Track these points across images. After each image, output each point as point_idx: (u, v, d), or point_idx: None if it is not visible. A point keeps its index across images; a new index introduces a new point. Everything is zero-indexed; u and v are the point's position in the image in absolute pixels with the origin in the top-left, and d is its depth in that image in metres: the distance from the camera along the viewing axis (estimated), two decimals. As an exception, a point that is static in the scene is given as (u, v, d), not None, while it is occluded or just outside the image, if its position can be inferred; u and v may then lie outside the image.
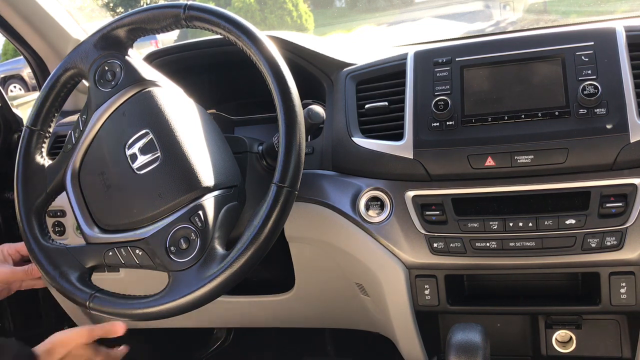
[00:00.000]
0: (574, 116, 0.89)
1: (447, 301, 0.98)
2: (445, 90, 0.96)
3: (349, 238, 1.02)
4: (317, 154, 1.08)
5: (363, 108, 1.03)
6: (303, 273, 1.16)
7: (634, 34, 0.93)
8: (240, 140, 1.00)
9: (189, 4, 0.84)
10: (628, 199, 0.87)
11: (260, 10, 9.94)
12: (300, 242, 1.10)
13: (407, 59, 1.02)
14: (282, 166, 0.77)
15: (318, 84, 1.12)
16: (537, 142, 0.89)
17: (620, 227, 0.87)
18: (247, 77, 1.03)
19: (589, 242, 0.88)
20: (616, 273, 0.89)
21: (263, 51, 0.81)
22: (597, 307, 0.92)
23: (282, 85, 0.80)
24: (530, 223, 0.89)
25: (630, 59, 0.91)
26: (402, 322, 1.02)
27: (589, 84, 0.88)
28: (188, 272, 0.79)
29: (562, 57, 0.93)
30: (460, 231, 0.93)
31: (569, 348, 1.00)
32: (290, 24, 9.69)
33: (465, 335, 0.83)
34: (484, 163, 0.91)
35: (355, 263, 1.04)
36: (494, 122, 0.92)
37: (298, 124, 0.79)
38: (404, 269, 0.98)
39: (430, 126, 0.95)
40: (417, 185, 0.96)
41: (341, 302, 1.19)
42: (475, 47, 0.99)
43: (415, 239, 0.95)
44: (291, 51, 1.10)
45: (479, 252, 0.93)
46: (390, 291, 1.01)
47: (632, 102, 0.87)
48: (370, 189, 0.99)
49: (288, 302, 1.21)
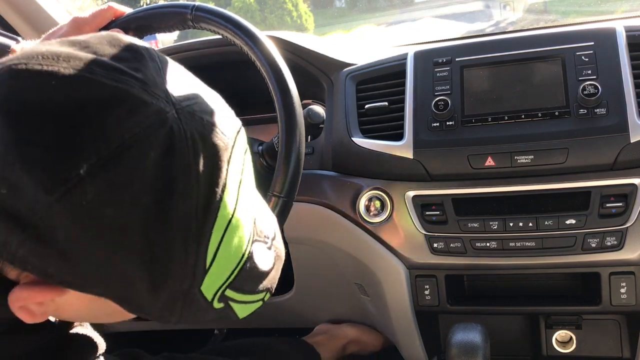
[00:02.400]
0: (574, 116, 0.89)
1: (447, 301, 0.98)
2: (445, 90, 0.96)
3: (349, 238, 1.02)
4: (317, 154, 1.08)
5: (363, 108, 1.03)
6: (302, 274, 1.16)
7: (634, 34, 0.93)
8: None
9: (197, 5, 0.84)
10: (628, 199, 0.87)
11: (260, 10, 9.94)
12: (300, 243, 1.10)
13: (407, 59, 1.02)
14: (279, 175, 0.78)
15: (318, 84, 1.12)
16: (537, 142, 0.89)
17: (621, 227, 0.87)
18: (247, 77, 1.03)
19: (589, 242, 0.88)
20: (616, 273, 0.89)
21: (263, 51, 0.81)
22: (597, 307, 0.92)
23: (282, 85, 0.80)
24: (531, 223, 0.89)
25: (631, 59, 0.90)
26: (402, 322, 1.02)
27: (589, 84, 0.88)
28: None
29: (562, 57, 0.93)
30: (461, 231, 0.93)
31: (569, 348, 1.00)
32: (290, 24, 9.69)
33: (466, 335, 0.83)
34: (484, 163, 0.91)
35: (355, 263, 1.04)
36: (494, 122, 0.92)
37: (298, 124, 0.79)
38: (404, 269, 0.98)
39: (430, 126, 0.95)
40: (417, 185, 0.96)
41: (340, 303, 1.19)
42: (476, 47, 0.99)
43: (416, 239, 0.95)
44: (291, 51, 1.10)
45: (479, 252, 0.93)
46: (391, 291, 1.01)
47: (632, 102, 0.87)
48: (370, 189, 0.99)
49: (287, 304, 1.21)
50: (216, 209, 0.45)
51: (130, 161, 0.41)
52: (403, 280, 0.98)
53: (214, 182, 0.45)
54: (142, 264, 0.43)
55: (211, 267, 0.46)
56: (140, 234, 0.42)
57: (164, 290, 0.45)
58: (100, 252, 0.42)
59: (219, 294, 0.49)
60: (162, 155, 0.42)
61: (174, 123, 0.43)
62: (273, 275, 0.55)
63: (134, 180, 0.41)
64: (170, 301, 0.47)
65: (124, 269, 0.43)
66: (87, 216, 0.41)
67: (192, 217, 0.44)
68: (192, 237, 0.44)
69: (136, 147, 0.41)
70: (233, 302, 0.51)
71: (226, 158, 0.46)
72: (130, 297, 0.46)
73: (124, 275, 0.44)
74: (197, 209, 0.44)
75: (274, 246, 0.56)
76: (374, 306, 1.10)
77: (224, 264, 0.48)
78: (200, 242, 0.45)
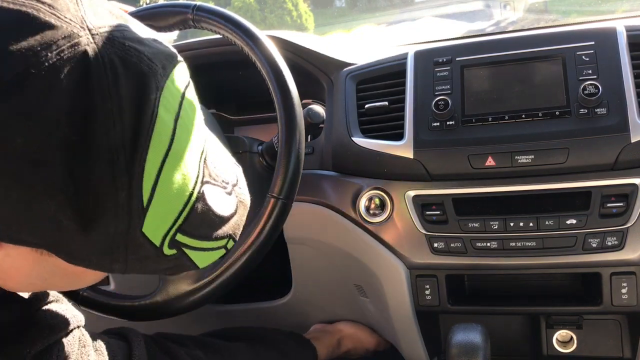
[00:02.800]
0: (575, 116, 0.89)
1: (448, 301, 0.98)
2: (446, 90, 0.96)
3: (349, 238, 1.02)
4: (317, 154, 1.08)
5: (363, 108, 1.03)
6: (301, 276, 1.16)
7: (634, 34, 0.93)
8: (240, 140, 1.00)
9: (198, 5, 0.84)
10: (629, 199, 0.86)
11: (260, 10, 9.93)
12: (300, 243, 1.10)
13: (407, 58, 1.02)
14: (278, 176, 0.78)
15: (318, 83, 1.12)
16: (538, 142, 0.89)
17: (621, 227, 0.86)
18: (247, 77, 1.03)
19: (589, 242, 0.87)
20: (617, 273, 0.89)
21: (263, 51, 0.81)
22: (598, 308, 0.92)
23: (282, 85, 0.80)
24: (531, 223, 0.89)
25: (631, 59, 0.90)
26: (403, 322, 1.02)
27: (590, 83, 0.88)
28: (178, 277, 0.81)
29: (562, 57, 0.93)
30: (461, 231, 0.93)
31: (569, 348, 1.00)
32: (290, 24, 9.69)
33: (466, 336, 0.83)
34: (485, 163, 0.91)
35: (355, 263, 1.04)
36: (494, 122, 0.92)
37: (298, 124, 0.79)
38: (405, 268, 0.98)
39: (431, 126, 0.95)
40: (418, 185, 0.96)
41: (339, 304, 1.18)
42: (476, 46, 0.99)
43: (416, 239, 0.95)
44: (291, 51, 1.10)
45: (479, 252, 0.92)
46: (391, 291, 1.00)
47: (633, 102, 0.87)
48: (371, 189, 0.99)
49: (285, 307, 1.21)
50: (147, 141, 0.42)
51: (36, 87, 0.38)
52: (403, 280, 0.98)
53: (140, 111, 0.42)
54: (66, 200, 0.40)
55: (150, 205, 0.43)
56: (60, 165, 0.39)
57: (97, 231, 0.42)
58: (16, 188, 0.39)
59: (168, 238, 0.46)
60: (76, 81, 0.40)
61: (88, 47, 0.40)
62: (235, 221, 0.52)
63: (44, 107, 0.39)
64: (109, 245, 0.44)
65: (47, 207, 0.40)
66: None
67: (119, 147, 0.41)
68: (121, 170, 0.41)
69: (43, 72, 0.39)
70: (187, 249, 0.48)
71: (154, 85, 0.43)
72: (62, 242, 0.43)
73: (48, 215, 0.41)
74: (123, 139, 0.41)
75: (235, 192, 0.52)
76: (373, 307, 1.10)
77: (166, 203, 0.45)
78: (132, 175, 0.42)
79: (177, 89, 0.46)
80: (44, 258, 0.45)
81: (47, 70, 0.39)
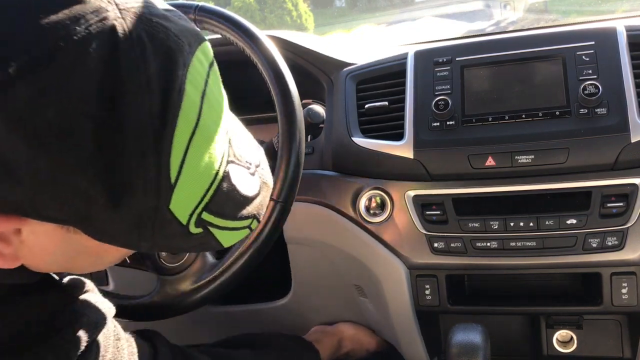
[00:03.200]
0: (575, 116, 0.89)
1: (448, 301, 0.98)
2: (446, 90, 0.96)
3: (349, 238, 1.02)
4: (317, 154, 1.08)
5: (363, 108, 1.03)
6: (300, 277, 1.16)
7: (634, 34, 0.93)
8: None
9: (200, 6, 0.84)
10: (629, 199, 0.86)
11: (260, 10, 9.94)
12: (300, 243, 1.10)
13: (407, 58, 1.02)
14: (278, 179, 0.77)
15: (318, 83, 1.12)
16: (538, 142, 0.89)
17: (622, 227, 0.86)
18: (247, 77, 1.03)
19: (590, 242, 0.87)
20: (617, 273, 0.89)
21: (263, 52, 0.81)
22: (598, 308, 0.92)
23: (282, 85, 0.80)
24: (531, 223, 0.89)
25: (631, 59, 0.90)
26: (403, 322, 1.02)
27: (590, 83, 0.88)
28: (177, 277, 0.82)
29: (562, 57, 0.93)
30: (461, 231, 0.93)
31: (569, 348, 1.00)
32: (290, 24, 9.69)
33: (466, 336, 0.83)
34: (485, 163, 0.91)
35: (355, 264, 1.04)
36: (494, 121, 0.92)
37: (298, 125, 0.79)
38: (405, 268, 0.98)
39: (431, 126, 0.95)
40: (418, 185, 0.96)
41: (338, 305, 1.18)
42: (476, 46, 0.99)
43: (416, 239, 0.95)
44: (291, 51, 1.10)
45: (479, 252, 0.92)
46: (391, 291, 1.00)
47: (633, 102, 0.87)
48: (371, 189, 0.99)
49: (284, 308, 1.20)
50: (175, 116, 0.42)
51: (66, 61, 0.38)
52: (403, 280, 0.98)
53: (168, 86, 0.42)
54: (96, 175, 0.40)
55: (177, 182, 0.43)
56: (90, 139, 0.39)
57: (126, 207, 0.42)
58: (46, 162, 0.39)
59: (194, 217, 0.46)
60: (105, 55, 0.39)
61: (116, 22, 0.40)
62: (259, 201, 0.52)
63: (74, 80, 0.38)
64: (137, 221, 0.43)
65: (77, 181, 0.40)
66: (25, 120, 0.38)
67: (148, 122, 0.41)
68: (149, 146, 0.41)
69: (72, 46, 0.38)
70: (213, 228, 0.48)
71: (181, 61, 0.43)
72: (91, 217, 0.42)
73: (78, 190, 0.41)
74: (151, 114, 0.41)
75: (258, 173, 0.53)
76: (373, 307, 1.10)
77: (194, 180, 0.44)
78: (160, 151, 0.42)
79: (202, 67, 0.46)
80: (70, 236, 0.45)
81: (76, 44, 0.39)
